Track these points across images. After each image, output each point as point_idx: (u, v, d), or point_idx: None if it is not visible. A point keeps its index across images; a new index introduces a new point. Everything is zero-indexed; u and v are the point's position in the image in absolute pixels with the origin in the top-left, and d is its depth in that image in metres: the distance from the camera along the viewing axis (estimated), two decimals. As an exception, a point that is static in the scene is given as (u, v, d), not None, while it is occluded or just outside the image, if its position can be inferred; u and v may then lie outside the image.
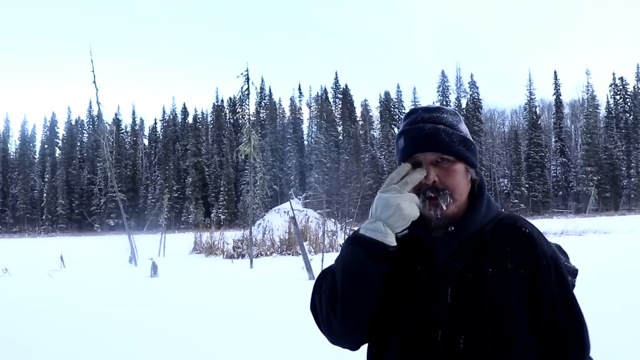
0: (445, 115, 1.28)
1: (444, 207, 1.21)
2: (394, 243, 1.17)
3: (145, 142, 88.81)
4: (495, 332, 1.17)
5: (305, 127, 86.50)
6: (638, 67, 72.60)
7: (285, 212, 22.94)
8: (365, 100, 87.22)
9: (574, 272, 1.39)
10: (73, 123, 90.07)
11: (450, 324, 1.18)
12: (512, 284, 1.20)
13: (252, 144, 20.45)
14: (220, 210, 72.30)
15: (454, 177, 1.23)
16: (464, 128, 1.29)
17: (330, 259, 15.39)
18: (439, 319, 1.19)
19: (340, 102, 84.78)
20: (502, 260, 1.21)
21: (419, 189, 1.22)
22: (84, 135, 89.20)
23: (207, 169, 79.77)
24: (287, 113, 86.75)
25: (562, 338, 1.22)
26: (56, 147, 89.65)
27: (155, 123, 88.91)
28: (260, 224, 24.12)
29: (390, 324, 1.24)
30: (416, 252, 1.26)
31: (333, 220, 24.84)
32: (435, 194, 1.21)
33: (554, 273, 1.23)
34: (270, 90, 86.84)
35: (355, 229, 1.30)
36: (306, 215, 23.39)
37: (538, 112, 76.76)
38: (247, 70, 21.37)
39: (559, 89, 75.10)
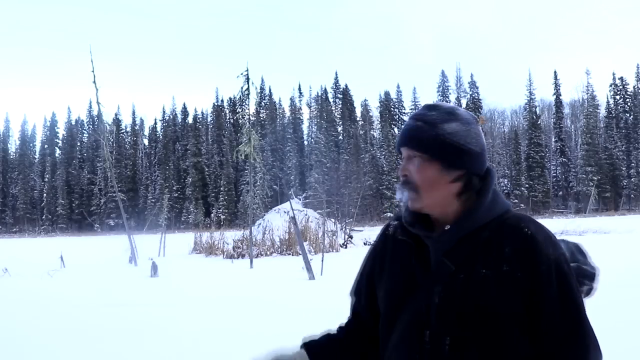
0: (433, 113, 1.27)
1: (407, 201, 1.27)
2: None
3: (145, 142, 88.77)
4: (482, 335, 1.15)
5: (305, 127, 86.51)
6: (638, 67, 72.60)
7: (285, 212, 22.91)
8: (365, 100, 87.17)
9: (591, 276, 1.33)
10: (73, 123, 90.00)
11: (437, 325, 1.18)
12: (505, 287, 1.16)
13: (252, 144, 20.45)
14: (220, 210, 72.26)
15: (421, 174, 1.25)
16: (452, 127, 1.24)
17: (330, 259, 15.37)
18: (427, 318, 1.20)
19: (340, 102, 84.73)
20: (498, 261, 1.18)
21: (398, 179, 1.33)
22: (84, 135, 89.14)
23: (207, 169, 79.76)
24: (287, 113, 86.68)
25: (559, 350, 1.16)
26: (56, 147, 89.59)
27: (155, 123, 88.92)
28: (260, 224, 24.08)
29: (390, 323, 1.26)
30: (412, 251, 1.27)
31: (333, 220, 24.81)
32: (403, 187, 1.28)
33: (556, 280, 1.17)
34: (270, 90, 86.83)
35: (356, 229, 1.36)
36: (306, 215, 23.36)
37: (538, 112, 76.72)
38: (247, 70, 21.36)
39: (559, 89, 75.09)
